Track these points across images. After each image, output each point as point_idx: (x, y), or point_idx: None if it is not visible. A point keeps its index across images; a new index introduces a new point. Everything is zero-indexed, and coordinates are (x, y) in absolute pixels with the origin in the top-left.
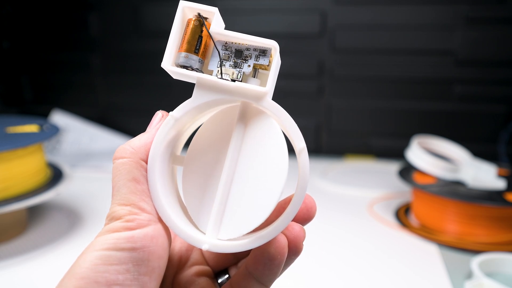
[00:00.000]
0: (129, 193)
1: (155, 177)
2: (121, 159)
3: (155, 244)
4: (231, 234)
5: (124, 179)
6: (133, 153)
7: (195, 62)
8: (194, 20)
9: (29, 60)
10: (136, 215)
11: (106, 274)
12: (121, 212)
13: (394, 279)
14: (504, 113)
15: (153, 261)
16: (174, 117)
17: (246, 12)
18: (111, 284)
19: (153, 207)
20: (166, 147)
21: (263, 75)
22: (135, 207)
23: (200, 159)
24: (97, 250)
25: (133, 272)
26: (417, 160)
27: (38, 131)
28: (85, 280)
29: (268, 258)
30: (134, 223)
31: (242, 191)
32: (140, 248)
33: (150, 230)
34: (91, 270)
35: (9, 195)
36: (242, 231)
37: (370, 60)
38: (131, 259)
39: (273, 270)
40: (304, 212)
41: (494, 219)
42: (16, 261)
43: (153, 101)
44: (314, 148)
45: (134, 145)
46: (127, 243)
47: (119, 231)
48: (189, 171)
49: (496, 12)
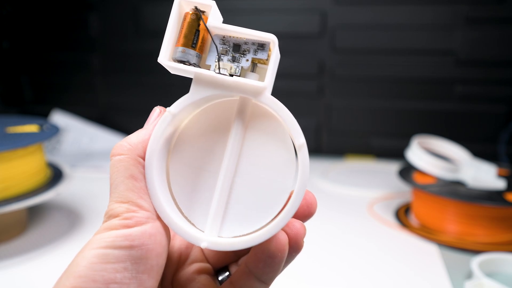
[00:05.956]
0: (127, 191)
1: (153, 174)
2: (118, 156)
3: (153, 242)
4: (235, 231)
5: (122, 176)
6: (130, 150)
7: (192, 57)
8: (191, 14)
9: (29, 60)
10: (134, 212)
11: (103, 273)
12: (119, 209)
13: (394, 279)
14: (504, 113)
15: (151, 259)
16: (172, 113)
17: (246, 12)
18: (109, 283)
19: (151, 205)
20: (163, 144)
21: (261, 69)
22: (133, 205)
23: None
24: (95, 248)
25: (131, 270)
26: (417, 160)
27: (38, 131)
28: (83, 278)
29: (268, 256)
30: (132, 220)
31: (246, 188)
32: (138, 246)
33: (148, 228)
34: (88, 268)
35: (9, 195)
36: (248, 229)
37: (370, 60)
38: (129, 257)
39: (273, 267)
40: (304, 208)
41: (494, 219)
42: (16, 261)
43: (153, 101)
44: (314, 148)
45: (131, 141)
46: (125, 241)
47: (117, 229)
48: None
49: (496, 12)
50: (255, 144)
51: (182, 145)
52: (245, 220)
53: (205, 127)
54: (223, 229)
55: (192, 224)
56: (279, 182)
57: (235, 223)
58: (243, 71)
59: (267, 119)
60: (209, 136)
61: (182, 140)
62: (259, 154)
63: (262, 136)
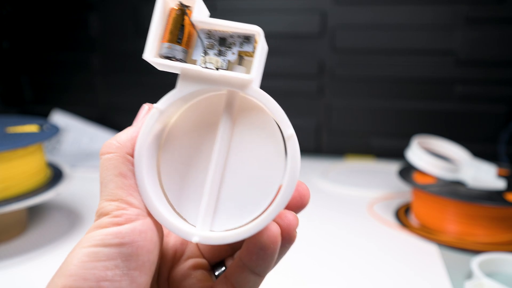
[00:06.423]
0: (116, 188)
1: (142, 171)
2: (107, 155)
3: (143, 239)
4: (226, 225)
5: (111, 174)
6: (119, 148)
7: (178, 52)
8: (176, 10)
9: (29, 60)
10: (124, 210)
11: (94, 271)
12: (109, 207)
13: (394, 279)
14: (504, 113)
15: (142, 256)
16: (159, 109)
17: (246, 12)
18: (100, 280)
19: (141, 201)
20: (153, 140)
21: (248, 62)
22: (122, 202)
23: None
24: (85, 247)
25: (122, 268)
26: (417, 160)
27: (38, 131)
28: (74, 277)
29: (261, 248)
30: (121, 218)
31: (237, 182)
32: (128, 243)
33: (138, 225)
34: (79, 267)
35: (9, 195)
36: (239, 222)
37: (370, 60)
38: (119, 255)
39: (266, 259)
40: (297, 199)
41: (494, 219)
42: (16, 261)
43: (153, 101)
44: (314, 148)
45: (120, 139)
46: (115, 239)
47: (107, 227)
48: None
49: (496, 12)
50: (244, 138)
51: (172, 141)
52: (236, 214)
53: (194, 123)
54: (215, 223)
55: (184, 220)
56: (269, 174)
57: (227, 217)
58: (230, 65)
59: (255, 112)
60: (198, 132)
61: (172, 136)
62: (248, 148)
63: (251, 130)
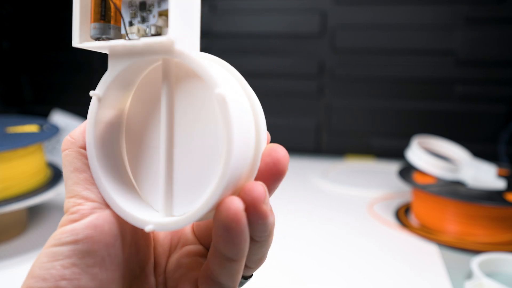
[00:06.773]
0: (73, 185)
1: (94, 163)
2: (64, 152)
3: (99, 233)
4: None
5: (68, 171)
6: (72, 143)
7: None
8: None
9: (29, 60)
10: (80, 205)
11: (52, 271)
12: (67, 205)
13: (394, 279)
14: (504, 113)
15: (100, 251)
16: (97, 95)
17: (246, 12)
18: (57, 280)
19: (98, 194)
20: (106, 129)
21: None
22: (78, 198)
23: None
24: (46, 247)
25: (80, 265)
26: (417, 160)
27: (38, 131)
28: (35, 279)
29: (224, 228)
30: (77, 214)
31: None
32: (82, 240)
33: (94, 219)
34: (39, 268)
35: (9, 195)
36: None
37: (370, 60)
38: (74, 252)
39: (233, 241)
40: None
41: (494, 219)
42: (16, 261)
43: None
44: (314, 148)
45: (73, 134)
46: (70, 236)
47: (65, 225)
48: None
49: (496, 12)
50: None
51: (129, 126)
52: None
53: (143, 102)
54: (175, 207)
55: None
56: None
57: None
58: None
59: (191, 78)
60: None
61: (129, 121)
62: (190, 119)
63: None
